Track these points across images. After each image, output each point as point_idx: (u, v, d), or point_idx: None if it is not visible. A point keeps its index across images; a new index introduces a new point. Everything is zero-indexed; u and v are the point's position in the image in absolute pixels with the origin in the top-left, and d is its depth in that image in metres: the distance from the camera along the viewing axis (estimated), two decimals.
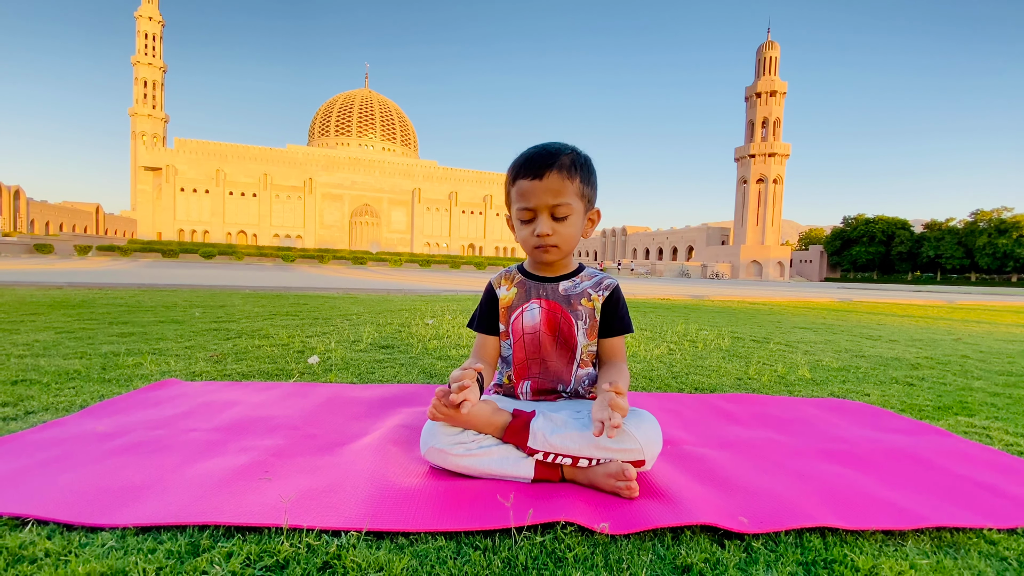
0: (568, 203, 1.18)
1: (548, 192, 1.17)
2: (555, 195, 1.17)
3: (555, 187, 1.17)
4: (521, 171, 1.19)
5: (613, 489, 1.08)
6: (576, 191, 1.19)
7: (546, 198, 1.17)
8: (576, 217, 1.21)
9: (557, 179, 1.16)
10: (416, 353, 2.61)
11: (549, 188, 1.16)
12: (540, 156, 1.18)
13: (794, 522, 0.97)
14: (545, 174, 1.16)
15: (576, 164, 1.19)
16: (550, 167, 1.16)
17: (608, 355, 1.32)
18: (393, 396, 1.78)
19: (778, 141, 68.78)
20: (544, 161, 1.17)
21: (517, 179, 1.20)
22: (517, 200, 1.21)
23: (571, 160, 1.19)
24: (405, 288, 9.37)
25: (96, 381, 1.90)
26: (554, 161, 1.17)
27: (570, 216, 1.20)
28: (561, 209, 1.18)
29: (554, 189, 1.17)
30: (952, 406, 2.00)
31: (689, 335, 3.85)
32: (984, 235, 61.00)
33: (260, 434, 1.37)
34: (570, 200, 1.18)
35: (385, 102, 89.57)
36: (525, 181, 1.18)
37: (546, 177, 1.16)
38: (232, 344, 2.72)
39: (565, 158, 1.18)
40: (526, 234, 1.22)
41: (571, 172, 1.18)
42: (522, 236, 1.24)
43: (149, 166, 61.27)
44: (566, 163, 1.18)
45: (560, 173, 1.17)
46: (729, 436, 1.52)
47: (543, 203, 1.18)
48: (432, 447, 1.14)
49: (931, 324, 5.89)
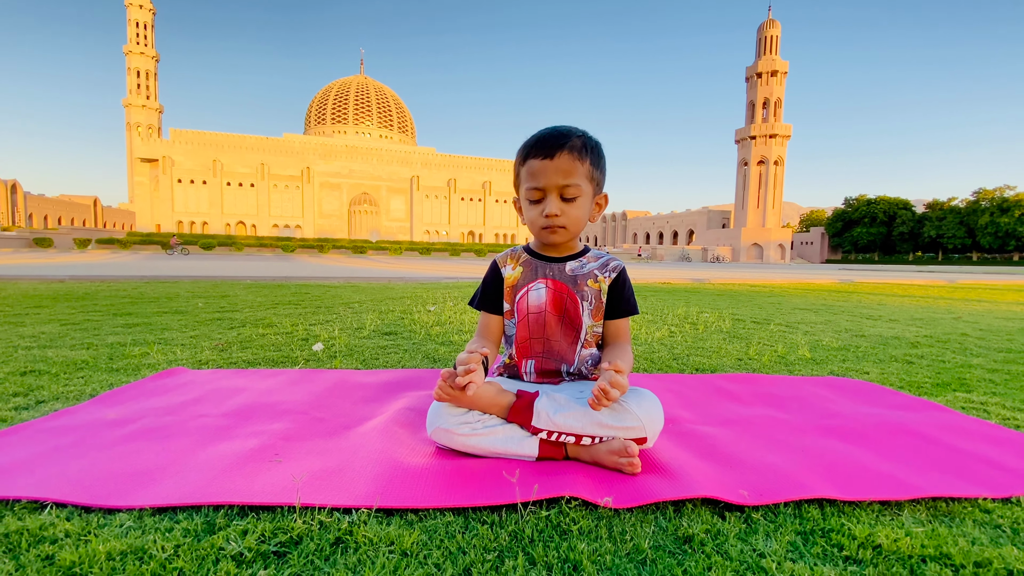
0: (578, 184, 1.19)
1: (558, 172, 1.17)
2: (565, 175, 1.17)
3: (565, 167, 1.17)
4: (532, 150, 1.19)
5: (616, 465, 1.10)
6: (586, 173, 1.20)
7: (556, 178, 1.18)
8: (585, 200, 1.22)
9: (568, 159, 1.17)
10: (419, 339, 2.63)
11: (560, 168, 1.17)
12: (552, 136, 1.18)
13: (793, 494, 0.99)
14: (556, 154, 1.17)
15: (587, 147, 1.20)
16: (561, 147, 1.17)
17: (613, 336, 1.33)
18: (398, 381, 1.80)
19: (779, 122, 68.12)
20: (556, 141, 1.17)
21: (528, 159, 1.20)
22: (527, 180, 1.21)
23: (582, 142, 1.19)
24: (406, 276, 9.39)
25: (104, 371, 1.92)
26: (566, 142, 1.17)
27: (579, 198, 1.21)
28: (570, 190, 1.19)
29: (564, 169, 1.17)
30: (951, 383, 2.03)
31: (690, 318, 3.87)
32: (986, 214, 60.68)
33: (269, 419, 1.39)
34: (580, 182, 1.19)
35: (381, 88, 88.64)
36: (536, 161, 1.18)
37: (557, 157, 1.17)
38: (236, 333, 2.74)
39: (577, 140, 1.18)
40: (534, 214, 1.23)
41: (582, 154, 1.18)
42: (530, 216, 1.25)
43: (145, 158, 60.87)
44: (577, 145, 1.18)
45: (571, 154, 1.17)
46: (730, 414, 1.55)
47: (553, 183, 1.18)
48: (438, 427, 1.17)
49: (932, 303, 5.90)
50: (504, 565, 0.77)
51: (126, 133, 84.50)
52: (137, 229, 59.89)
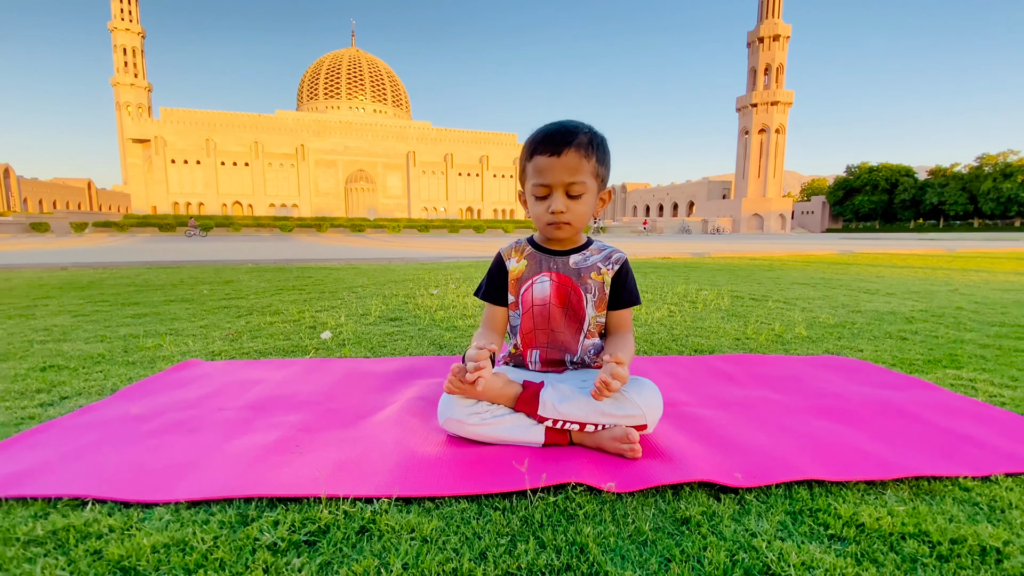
0: (583, 181, 1.22)
1: (565, 169, 1.20)
2: (572, 173, 1.20)
3: (572, 165, 1.20)
4: (539, 147, 1.21)
5: (618, 451, 1.17)
6: (592, 170, 1.23)
7: (562, 175, 1.20)
8: (590, 196, 1.25)
9: (575, 157, 1.19)
10: (424, 325, 2.69)
11: (566, 165, 1.19)
12: (559, 133, 1.20)
13: (784, 475, 1.06)
14: (563, 151, 1.19)
15: (593, 143, 1.22)
16: (568, 144, 1.19)
17: (615, 326, 1.39)
18: (407, 369, 1.86)
19: (781, 89, 66.89)
20: (563, 138, 1.19)
21: (535, 155, 1.22)
22: (533, 176, 1.24)
23: (588, 139, 1.21)
24: (406, 256, 9.41)
25: (121, 364, 1.98)
26: (572, 139, 1.19)
27: (584, 195, 1.24)
28: (576, 187, 1.22)
29: (571, 167, 1.20)
30: (942, 359, 2.09)
31: (689, 296, 3.93)
32: (989, 180, 60.20)
33: (286, 410, 1.46)
34: (585, 179, 1.22)
35: (374, 61, 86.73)
36: (543, 157, 1.21)
37: (564, 154, 1.19)
38: (245, 321, 2.80)
39: (583, 136, 1.21)
40: (540, 210, 1.26)
41: (588, 151, 1.21)
42: (535, 212, 1.28)
43: (137, 138, 60.08)
44: (584, 141, 1.20)
45: (578, 151, 1.19)
46: (726, 396, 1.61)
47: (559, 180, 1.21)
48: (450, 417, 1.23)
49: (930, 275, 5.95)
50: (516, 548, 0.84)
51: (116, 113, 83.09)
52: (133, 211, 59.49)
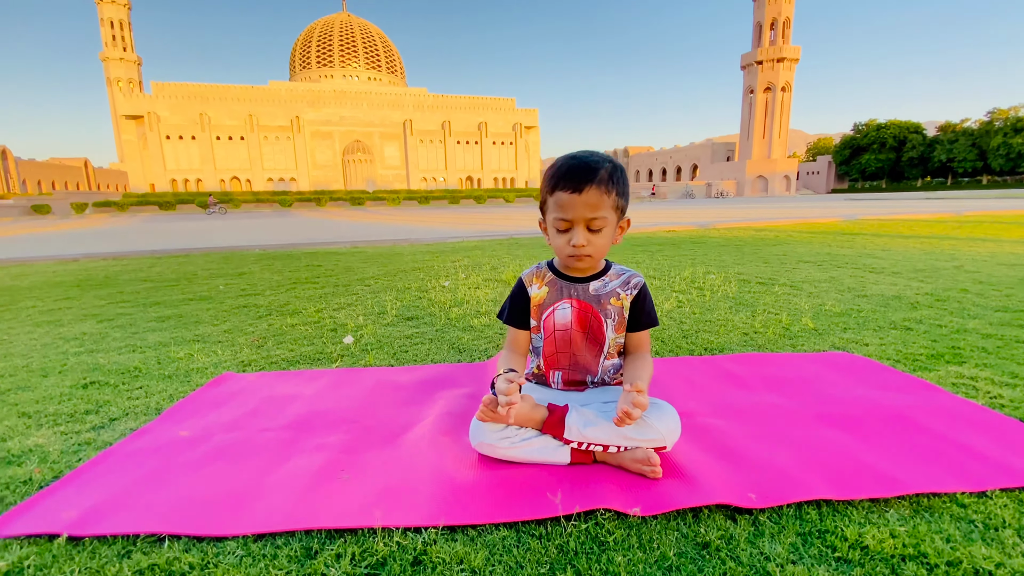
0: (604, 216, 1.27)
1: (587, 206, 1.25)
2: (593, 209, 1.25)
3: (594, 201, 1.24)
4: (561, 183, 1.26)
5: (640, 471, 1.26)
6: (612, 204, 1.27)
7: (584, 212, 1.25)
8: (609, 228, 1.30)
9: (596, 194, 1.24)
10: (441, 325, 2.78)
11: (588, 202, 1.24)
12: (581, 170, 1.24)
13: (794, 495, 1.15)
14: (585, 188, 1.23)
15: (614, 178, 1.26)
16: (590, 182, 1.23)
17: (634, 347, 1.46)
18: (432, 379, 1.96)
19: (787, 44, 64.80)
20: (585, 176, 1.23)
21: (556, 190, 1.27)
22: (555, 210, 1.29)
23: (609, 174, 1.25)
24: (411, 236, 9.45)
25: (158, 378, 2.08)
26: (594, 176, 1.24)
27: (605, 228, 1.29)
28: (597, 222, 1.27)
29: (592, 203, 1.24)
30: (944, 353, 2.17)
31: (696, 281, 3.99)
32: (999, 135, 58.90)
33: (325, 430, 1.56)
34: (606, 213, 1.27)
35: (366, 26, 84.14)
36: (564, 194, 1.25)
37: (585, 191, 1.23)
38: (267, 324, 2.89)
39: (604, 172, 1.25)
40: (561, 242, 1.32)
41: (609, 186, 1.25)
42: (556, 243, 1.34)
43: (130, 115, 59.07)
44: (605, 177, 1.24)
45: (599, 188, 1.24)
46: (737, 403, 1.70)
47: (580, 216, 1.26)
48: (482, 441, 1.33)
49: (936, 246, 5.97)
50: None
51: (107, 89, 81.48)
52: (132, 190, 59.11)
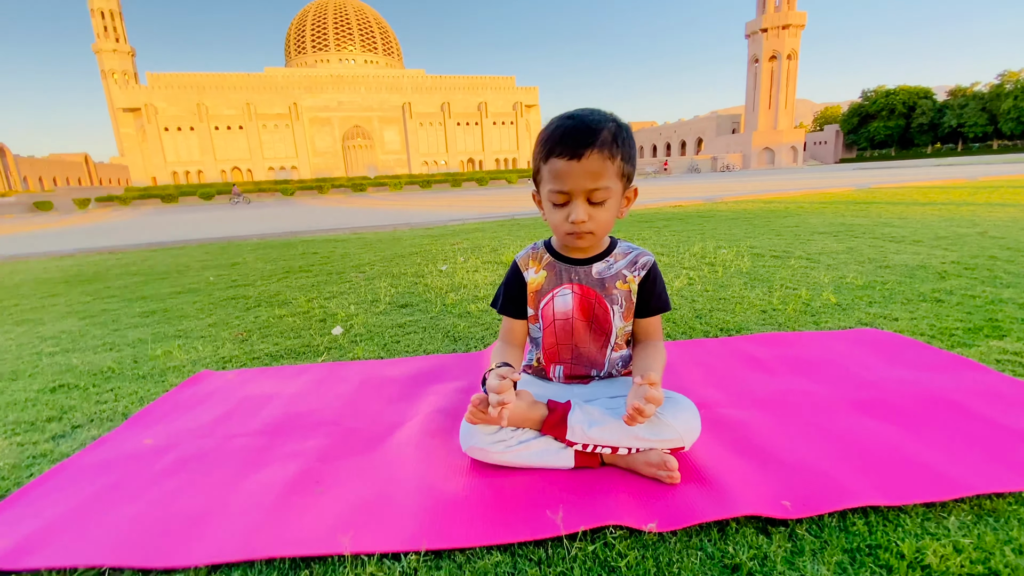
0: (608, 186, 1.07)
1: (587, 175, 1.05)
2: (594, 178, 1.06)
3: (595, 169, 1.05)
4: (556, 148, 1.06)
5: (654, 476, 1.10)
6: (616, 171, 1.08)
7: (584, 182, 1.06)
8: (614, 200, 1.11)
9: (598, 160, 1.04)
10: (436, 312, 2.61)
11: (588, 171, 1.05)
12: (579, 132, 1.04)
13: (837, 503, 0.99)
14: (584, 154, 1.03)
15: (618, 140, 1.06)
16: (590, 146, 1.03)
17: (644, 335, 1.29)
18: (423, 372, 1.80)
19: (793, 10, 62.94)
20: (584, 139, 1.03)
21: (551, 157, 1.07)
22: (550, 181, 1.09)
23: (612, 135, 1.05)
24: (411, 220, 9.25)
25: (131, 379, 1.94)
26: (595, 139, 1.04)
27: (608, 200, 1.10)
28: (599, 194, 1.08)
29: (593, 171, 1.05)
30: (982, 327, 1.98)
31: (707, 256, 3.79)
32: (1009, 98, 57.20)
33: (303, 434, 1.41)
34: (609, 183, 1.07)
35: (360, 7, 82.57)
36: (560, 161, 1.05)
37: (585, 158, 1.04)
38: (254, 317, 2.74)
39: (606, 133, 1.05)
40: (558, 218, 1.13)
41: (613, 150, 1.05)
42: (553, 220, 1.15)
43: (127, 107, 58.63)
44: (607, 140, 1.05)
45: (601, 153, 1.04)
46: (760, 390, 1.53)
47: (580, 187, 1.07)
48: (472, 446, 1.17)
49: (954, 212, 5.71)
50: None
51: (103, 82, 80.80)
52: (133, 183, 58.97)
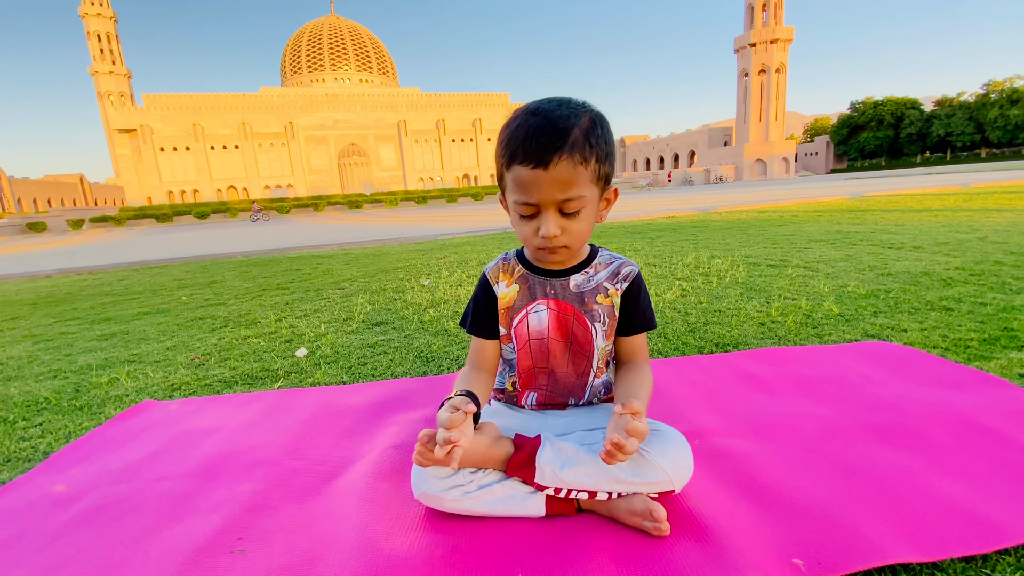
0: (581, 195, 0.89)
1: (556, 185, 0.87)
2: (565, 188, 0.88)
3: (565, 178, 0.87)
4: (520, 154, 0.87)
5: (639, 527, 0.92)
6: (590, 176, 0.90)
7: (553, 193, 0.88)
8: (590, 208, 0.93)
9: (567, 167, 0.86)
10: (411, 330, 2.43)
11: (557, 180, 0.87)
12: (544, 134, 0.86)
13: (860, 561, 0.81)
14: (552, 160, 0.85)
15: (590, 139, 0.88)
16: (558, 150, 0.85)
17: (627, 355, 1.12)
18: (385, 398, 1.62)
19: (780, 25, 64.02)
20: (550, 143, 0.85)
21: (514, 164, 0.89)
22: (514, 191, 0.91)
23: (584, 135, 0.87)
24: (401, 234, 9.10)
25: (67, 411, 1.75)
26: (563, 142, 0.85)
27: (583, 209, 0.92)
28: (572, 204, 0.90)
29: (563, 180, 0.87)
30: (999, 337, 1.82)
31: (701, 266, 3.64)
32: (996, 107, 57.91)
33: (237, 476, 1.22)
34: (583, 191, 0.89)
35: (355, 28, 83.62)
36: (525, 169, 0.87)
37: (553, 166, 0.86)
38: (216, 338, 2.55)
39: (577, 133, 0.86)
40: (527, 232, 0.95)
41: (585, 153, 0.87)
42: (522, 233, 0.96)
43: (123, 128, 58.79)
44: (579, 141, 0.86)
45: (571, 158, 0.86)
46: (763, 415, 1.36)
47: (549, 198, 0.89)
48: (424, 493, 0.99)
49: (952, 219, 5.60)
50: None
51: (99, 104, 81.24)
52: (129, 204, 58.90)
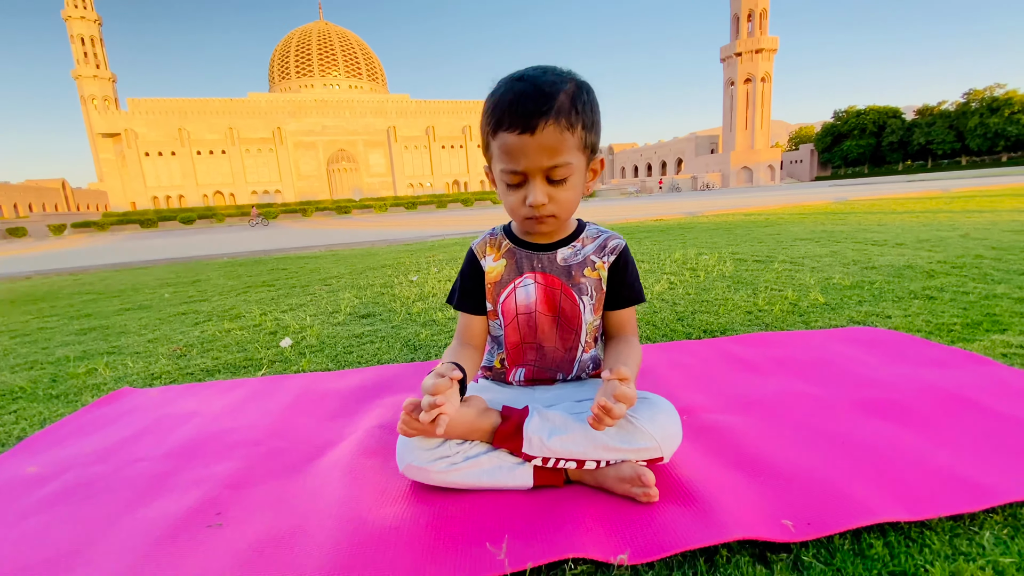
0: (568, 162, 0.89)
1: (543, 151, 0.87)
2: (552, 154, 0.87)
3: (551, 143, 0.86)
4: (506, 120, 0.87)
5: (627, 494, 0.91)
6: (577, 143, 0.89)
7: (540, 159, 0.88)
8: (577, 176, 0.93)
9: (554, 133, 0.86)
10: (399, 321, 2.41)
11: (544, 145, 0.86)
12: (531, 99, 0.85)
13: (848, 520, 0.80)
14: (539, 125, 0.85)
15: (577, 104, 0.88)
16: (545, 115, 0.85)
17: (615, 329, 1.11)
18: (371, 383, 1.59)
19: (765, 35, 65.20)
20: (537, 107, 0.85)
21: (500, 130, 0.88)
22: (500, 159, 0.91)
23: (571, 100, 0.87)
24: (390, 237, 9.05)
25: (42, 400, 1.70)
26: (550, 106, 0.85)
27: (570, 177, 0.91)
28: (559, 171, 0.89)
29: (550, 146, 0.87)
30: (981, 321, 1.85)
31: (688, 262, 3.66)
32: (976, 116, 59.36)
33: (216, 456, 1.19)
34: (570, 158, 0.89)
35: (344, 34, 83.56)
36: (511, 135, 0.87)
37: (540, 130, 0.85)
38: (199, 331, 2.51)
39: (563, 98, 0.86)
40: (514, 202, 0.94)
41: (572, 119, 0.87)
42: (509, 203, 0.95)
43: (107, 132, 57.95)
44: (565, 106, 0.86)
45: (558, 123, 0.86)
46: (749, 392, 1.36)
47: (536, 165, 0.88)
48: (410, 464, 0.97)
49: (933, 219, 5.70)
50: None
51: (82, 108, 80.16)
52: (112, 209, 57.97)
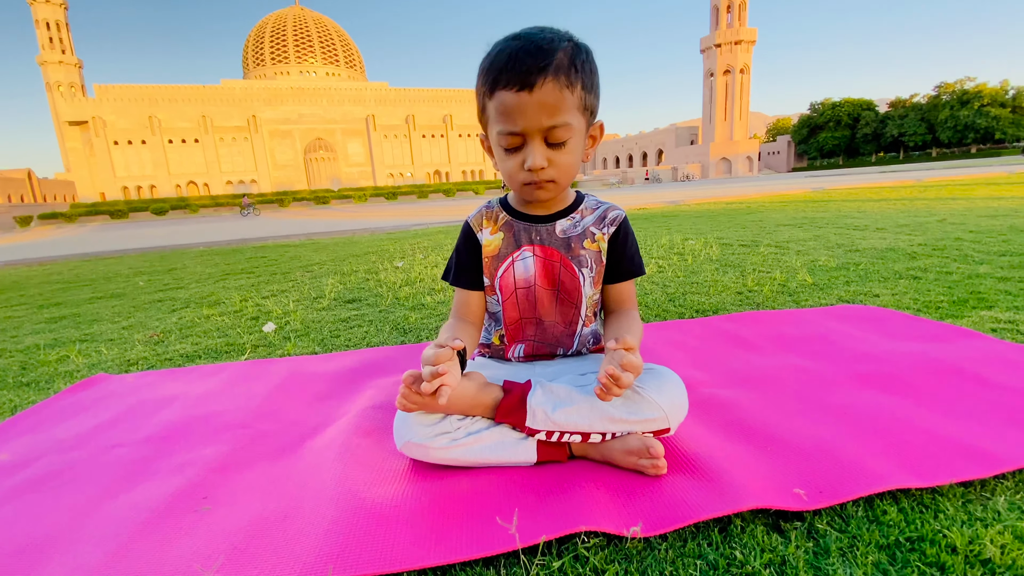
0: (568, 123, 0.85)
1: (542, 109, 0.83)
2: (551, 113, 0.83)
3: (551, 101, 0.82)
4: (503, 78, 0.82)
5: (635, 467, 0.89)
6: (577, 103, 0.86)
7: (539, 118, 0.83)
8: (577, 139, 0.89)
9: (553, 89, 0.82)
10: (386, 305, 2.35)
11: (543, 104, 0.82)
12: (529, 55, 0.81)
13: (861, 488, 0.79)
14: (537, 82, 0.81)
15: (576, 63, 0.84)
16: (543, 71, 0.81)
17: (615, 303, 1.08)
18: (361, 365, 1.54)
19: (744, 27, 65.80)
20: (535, 63, 0.81)
21: (497, 89, 0.84)
22: (498, 120, 0.86)
23: (570, 57, 0.83)
24: (371, 226, 8.91)
25: (11, 387, 1.61)
26: (549, 62, 0.81)
27: (570, 140, 0.87)
28: (559, 132, 0.85)
29: (550, 104, 0.83)
30: (968, 299, 1.87)
31: (675, 247, 3.66)
32: (946, 108, 60.96)
33: (200, 440, 1.13)
34: (570, 118, 0.85)
35: (321, 19, 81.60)
36: (509, 93, 0.83)
37: (539, 87, 0.81)
38: (177, 318, 2.41)
39: (561, 55, 0.82)
40: (512, 166, 0.90)
41: (571, 76, 0.83)
42: (506, 168, 0.91)
43: (74, 120, 55.77)
44: (564, 64, 0.82)
45: (557, 80, 0.82)
46: (747, 368, 1.35)
47: (535, 125, 0.84)
48: (408, 442, 0.92)
49: (909, 206, 5.83)
50: None
51: (47, 95, 76.95)
52: (81, 200, 55.98)
